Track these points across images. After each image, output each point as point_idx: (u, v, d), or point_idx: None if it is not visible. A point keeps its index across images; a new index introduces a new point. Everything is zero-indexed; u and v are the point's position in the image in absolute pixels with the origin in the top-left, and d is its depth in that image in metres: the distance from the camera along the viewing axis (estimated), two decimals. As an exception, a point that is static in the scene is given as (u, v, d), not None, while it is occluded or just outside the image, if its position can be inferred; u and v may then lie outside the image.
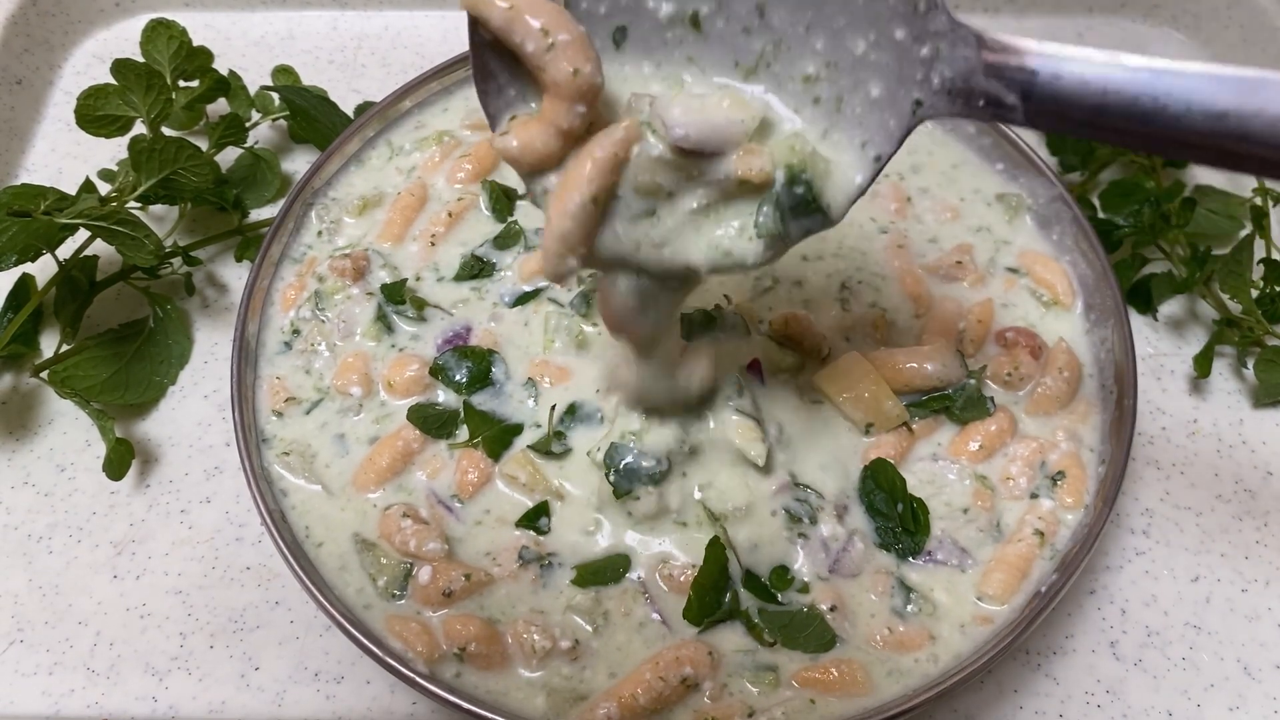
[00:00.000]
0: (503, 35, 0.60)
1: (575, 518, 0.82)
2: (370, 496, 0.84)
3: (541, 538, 0.82)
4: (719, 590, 0.78)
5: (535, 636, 0.76)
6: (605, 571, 0.80)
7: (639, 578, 0.80)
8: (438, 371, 0.88)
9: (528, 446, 0.85)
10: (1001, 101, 0.58)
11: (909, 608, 0.79)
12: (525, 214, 0.98)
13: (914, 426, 0.86)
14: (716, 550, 0.78)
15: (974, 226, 0.99)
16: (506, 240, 0.96)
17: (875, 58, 0.61)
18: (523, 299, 0.93)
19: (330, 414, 0.88)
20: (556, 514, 0.82)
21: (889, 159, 0.62)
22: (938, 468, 0.86)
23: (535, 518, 0.82)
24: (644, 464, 0.79)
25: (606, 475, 0.80)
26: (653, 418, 0.80)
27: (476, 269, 0.94)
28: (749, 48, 0.64)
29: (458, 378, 0.87)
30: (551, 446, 0.84)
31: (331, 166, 1.01)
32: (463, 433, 0.86)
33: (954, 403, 0.87)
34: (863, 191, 0.63)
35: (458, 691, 0.74)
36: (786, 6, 0.62)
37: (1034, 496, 0.85)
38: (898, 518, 0.82)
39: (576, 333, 0.89)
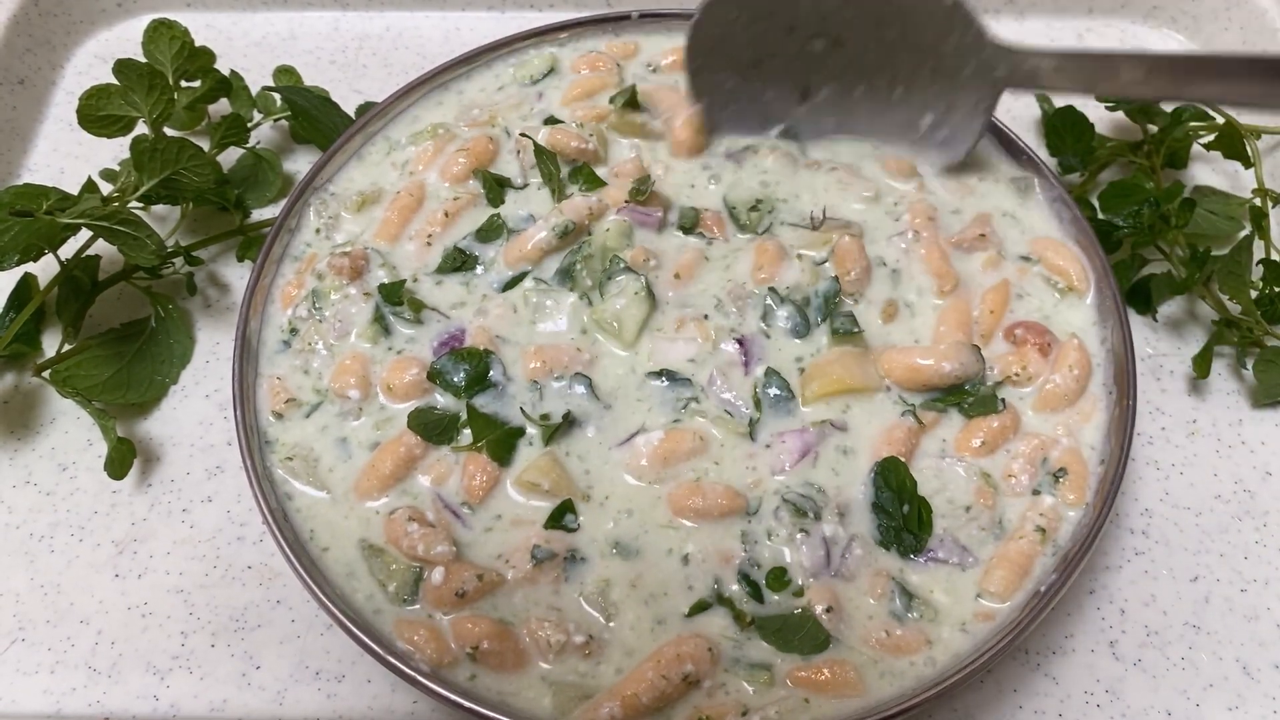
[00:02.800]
0: None
1: (604, 507, 0.83)
2: (373, 504, 0.84)
3: (569, 535, 0.82)
4: None
5: (549, 631, 0.77)
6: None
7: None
8: (435, 376, 0.87)
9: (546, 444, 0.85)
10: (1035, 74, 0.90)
11: (910, 614, 0.79)
12: (513, 202, 0.98)
13: (923, 420, 0.86)
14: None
15: (989, 205, 0.99)
16: (489, 234, 0.96)
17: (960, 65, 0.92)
18: (510, 284, 0.93)
19: (330, 417, 0.88)
20: (585, 509, 0.83)
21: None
22: (944, 465, 0.86)
23: (560, 516, 0.82)
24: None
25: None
26: None
27: (459, 261, 0.94)
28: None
29: (456, 380, 0.87)
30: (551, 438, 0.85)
31: (333, 167, 1.01)
32: (465, 436, 0.86)
33: (966, 399, 0.87)
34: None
35: (457, 689, 0.75)
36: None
37: (1036, 493, 0.85)
38: (902, 518, 0.82)
39: (555, 308, 0.90)
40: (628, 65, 1.08)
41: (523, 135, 0.99)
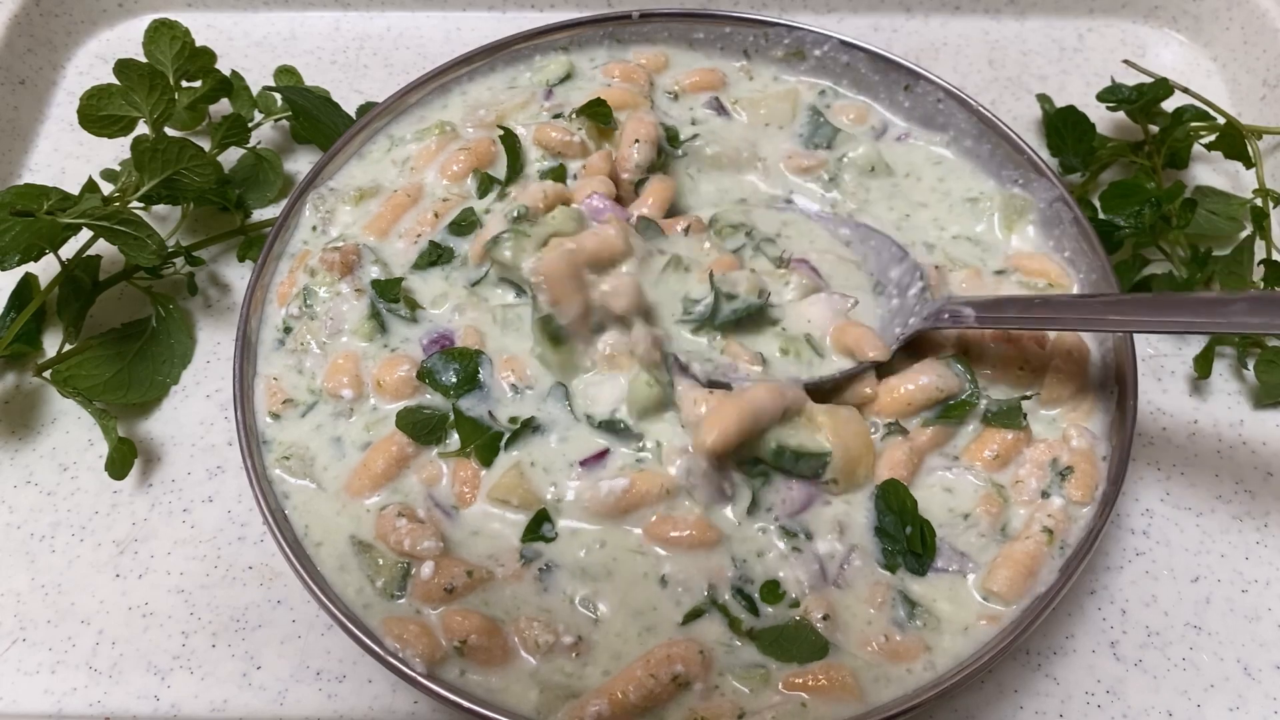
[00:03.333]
0: None
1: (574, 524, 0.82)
2: (366, 502, 0.84)
3: (547, 545, 0.81)
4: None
5: (537, 631, 0.77)
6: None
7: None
8: (425, 375, 0.87)
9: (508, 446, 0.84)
10: (959, 315, 0.87)
11: (914, 623, 0.79)
12: (488, 202, 0.98)
13: (908, 430, 0.86)
14: None
15: (951, 236, 1.00)
16: (463, 228, 0.95)
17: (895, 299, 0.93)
18: (477, 282, 0.93)
19: (325, 416, 0.88)
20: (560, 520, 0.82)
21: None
22: (951, 476, 0.85)
23: (538, 527, 0.82)
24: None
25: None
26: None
27: (435, 256, 0.94)
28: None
29: (445, 380, 0.86)
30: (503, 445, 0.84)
31: (334, 167, 1.01)
32: (453, 437, 0.85)
33: (966, 408, 0.87)
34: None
35: (458, 690, 0.75)
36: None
37: (1045, 495, 0.84)
38: (905, 540, 0.81)
39: (521, 323, 0.89)
40: (659, 78, 1.09)
41: (500, 127, 0.99)
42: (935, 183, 1.03)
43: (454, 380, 0.86)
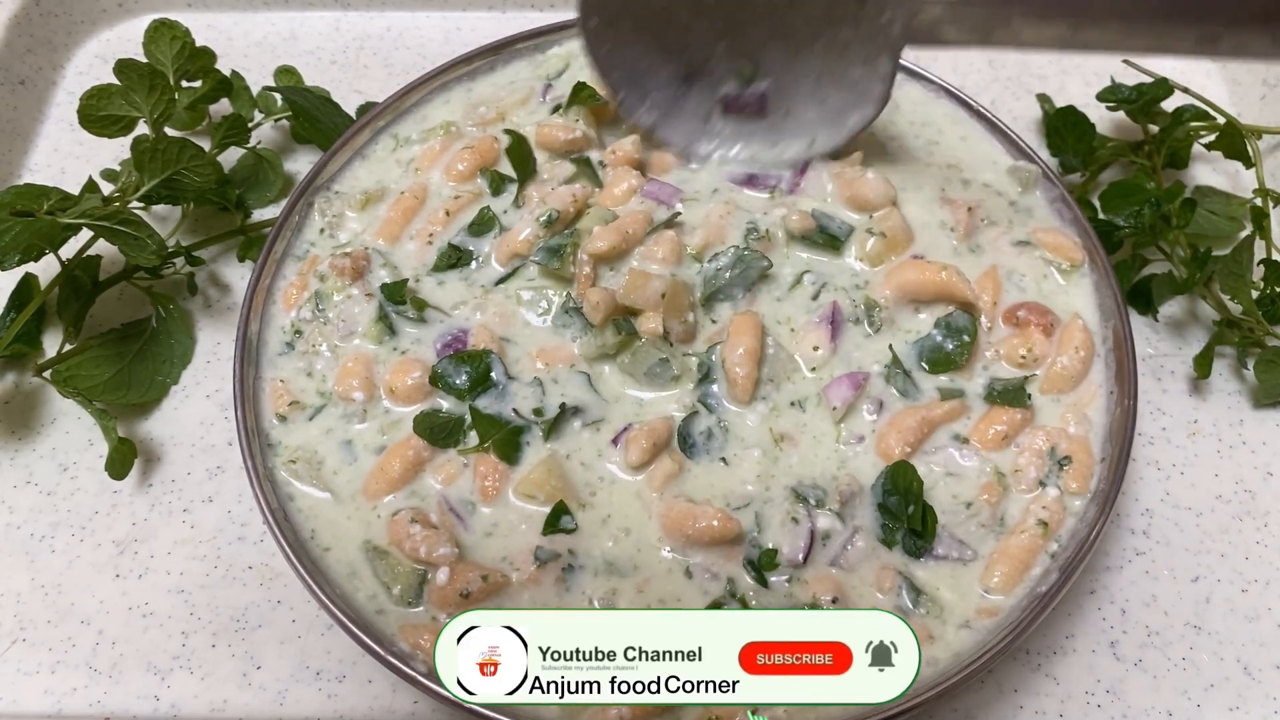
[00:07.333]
0: None
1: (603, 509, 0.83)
2: (381, 506, 0.83)
3: (569, 536, 0.81)
4: None
5: None
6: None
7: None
8: (437, 380, 0.86)
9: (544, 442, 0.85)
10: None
11: (918, 610, 0.79)
12: (506, 199, 0.98)
13: (928, 406, 0.87)
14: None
15: (983, 184, 1.00)
16: (481, 228, 0.95)
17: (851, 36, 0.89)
18: (502, 281, 0.93)
19: (334, 419, 0.88)
20: (581, 512, 0.82)
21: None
22: (957, 457, 0.86)
23: (556, 520, 0.81)
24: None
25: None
26: None
27: (454, 258, 0.94)
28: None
29: (458, 384, 0.86)
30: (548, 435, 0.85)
31: (334, 166, 1.01)
32: (472, 438, 0.85)
33: (969, 348, 0.88)
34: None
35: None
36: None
37: (1042, 485, 0.84)
38: (906, 519, 0.82)
39: (549, 309, 0.90)
40: None
41: (507, 132, 0.99)
42: (957, 141, 1.03)
43: (466, 383, 0.86)
